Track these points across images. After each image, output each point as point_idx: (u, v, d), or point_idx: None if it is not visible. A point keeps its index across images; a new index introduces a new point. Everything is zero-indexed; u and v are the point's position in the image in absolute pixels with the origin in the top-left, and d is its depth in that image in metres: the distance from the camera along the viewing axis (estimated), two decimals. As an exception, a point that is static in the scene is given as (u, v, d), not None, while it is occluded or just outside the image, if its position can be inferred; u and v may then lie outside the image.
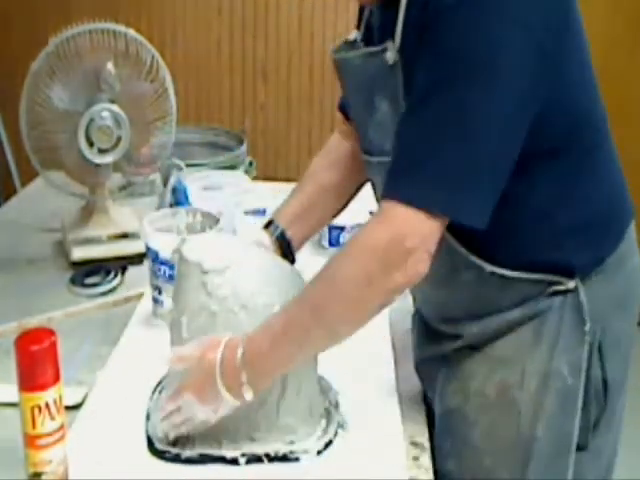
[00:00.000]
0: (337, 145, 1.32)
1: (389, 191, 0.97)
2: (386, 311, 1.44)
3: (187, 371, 1.05)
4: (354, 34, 1.18)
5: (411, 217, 0.93)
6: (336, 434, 1.12)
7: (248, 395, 1.01)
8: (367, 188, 1.38)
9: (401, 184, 0.96)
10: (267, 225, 1.27)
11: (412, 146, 0.97)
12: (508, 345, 1.10)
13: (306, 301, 1.01)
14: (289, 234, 1.26)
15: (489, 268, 1.05)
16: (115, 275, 1.57)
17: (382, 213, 0.97)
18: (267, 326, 1.02)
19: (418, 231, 0.94)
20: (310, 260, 1.66)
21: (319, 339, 1.02)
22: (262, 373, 1.02)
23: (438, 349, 1.18)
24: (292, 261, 1.25)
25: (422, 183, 0.94)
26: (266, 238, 1.24)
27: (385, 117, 1.07)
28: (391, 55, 1.02)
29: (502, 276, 1.05)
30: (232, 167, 2.12)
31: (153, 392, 1.18)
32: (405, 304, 1.51)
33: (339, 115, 1.33)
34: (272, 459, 1.07)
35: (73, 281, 1.55)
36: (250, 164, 2.33)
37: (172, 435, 1.07)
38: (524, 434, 1.06)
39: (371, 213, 1.43)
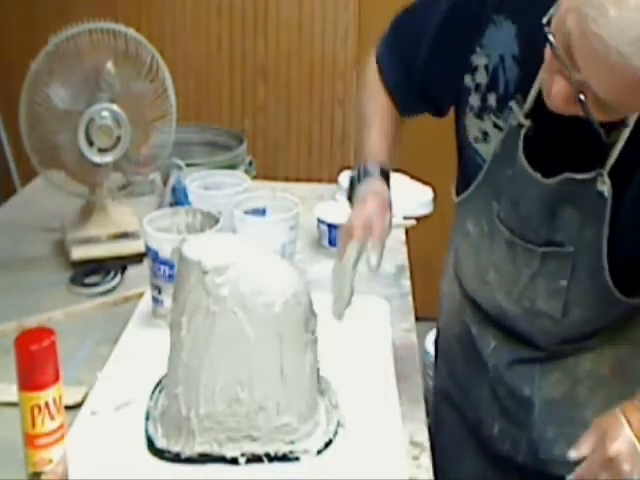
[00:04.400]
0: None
1: None
2: (386, 311, 1.45)
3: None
4: (513, 119, 1.05)
5: None
6: (336, 434, 1.12)
7: None
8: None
9: None
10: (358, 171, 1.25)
11: None
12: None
13: None
14: (387, 166, 1.26)
15: None
16: (115, 275, 1.57)
17: None
18: None
19: None
20: (310, 260, 1.67)
21: None
22: None
23: (535, 354, 1.16)
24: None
25: None
26: (385, 189, 1.22)
27: (567, 224, 1.03)
28: (605, 187, 0.97)
29: None
30: (232, 167, 2.12)
31: (153, 392, 1.18)
32: (405, 304, 1.51)
33: (390, 99, 1.30)
34: (272, 459, 1.07)
35: (73, 281, 1.55)
36: (250, 164, 2.34)
37: None
38: None
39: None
